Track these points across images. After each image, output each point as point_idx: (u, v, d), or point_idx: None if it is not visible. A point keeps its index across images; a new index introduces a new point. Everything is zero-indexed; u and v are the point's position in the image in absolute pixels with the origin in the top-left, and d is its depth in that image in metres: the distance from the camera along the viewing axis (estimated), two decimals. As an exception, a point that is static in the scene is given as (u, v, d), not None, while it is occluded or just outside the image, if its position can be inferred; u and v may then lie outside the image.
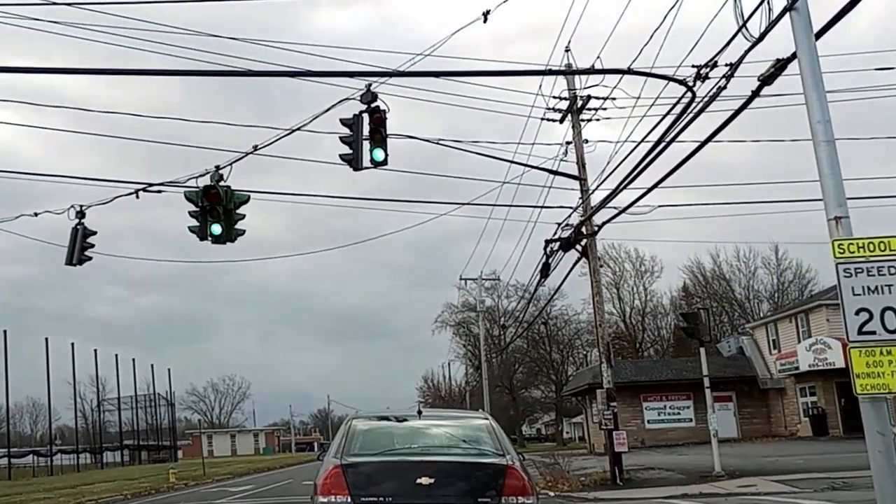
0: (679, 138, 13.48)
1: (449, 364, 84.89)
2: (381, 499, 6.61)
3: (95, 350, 71.66)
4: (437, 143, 19.63)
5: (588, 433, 43.45)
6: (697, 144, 13.17)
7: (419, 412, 8.36)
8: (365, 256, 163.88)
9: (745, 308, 59.68)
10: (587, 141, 20.50)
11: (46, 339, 63.81)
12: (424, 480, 6.61)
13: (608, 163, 18.18)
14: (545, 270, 21.50)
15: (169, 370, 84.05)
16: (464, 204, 20.07)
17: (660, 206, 19.64)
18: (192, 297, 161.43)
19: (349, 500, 6.60)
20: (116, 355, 74.40)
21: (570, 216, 20.11)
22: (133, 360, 78.93)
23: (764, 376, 37.93)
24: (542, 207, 20.59)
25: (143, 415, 77.99)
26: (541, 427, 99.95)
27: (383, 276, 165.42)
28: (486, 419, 8.14)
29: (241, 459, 75.13)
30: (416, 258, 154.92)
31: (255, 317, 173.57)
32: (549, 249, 20.77)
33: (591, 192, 19.93)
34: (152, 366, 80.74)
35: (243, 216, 14.44)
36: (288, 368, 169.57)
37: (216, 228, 14.07)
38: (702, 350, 20.19)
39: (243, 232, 14.45)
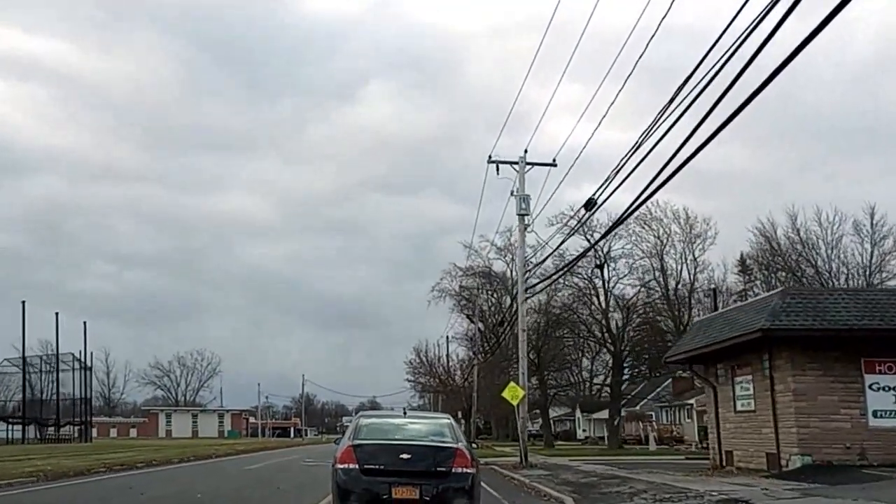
0: None
1: (447, 339, 66.59)
2: (377, 466, 10.62)
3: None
4: None
5: (718, 432, 23.75)
6: None
7: (405, 412, 13.24)
8: (354, 245, 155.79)
9: (824, 283, 46.99)
10: None
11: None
12: (405, 456, 10.67)
13: None
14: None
15: (85, 323, 65.63)
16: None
17: None
18: (178, 276, 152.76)
19: (357, 466, 10.64)
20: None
21: None
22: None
23: None
24: None
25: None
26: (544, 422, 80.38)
27: (372, 267, 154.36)
28: (448, 419, 12.57)
29: (182, 444, 59.56)
30: (405, 251, 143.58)
31: (239, 299, 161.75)
32: None
33: None
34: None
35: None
36: (270, 353, 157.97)
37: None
38: None
39: None
